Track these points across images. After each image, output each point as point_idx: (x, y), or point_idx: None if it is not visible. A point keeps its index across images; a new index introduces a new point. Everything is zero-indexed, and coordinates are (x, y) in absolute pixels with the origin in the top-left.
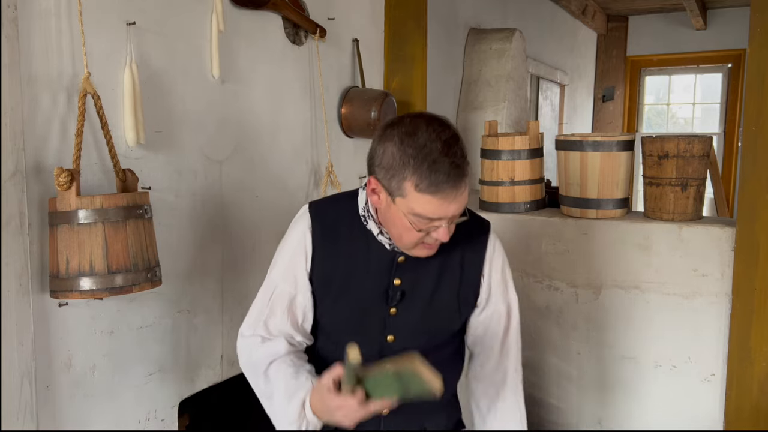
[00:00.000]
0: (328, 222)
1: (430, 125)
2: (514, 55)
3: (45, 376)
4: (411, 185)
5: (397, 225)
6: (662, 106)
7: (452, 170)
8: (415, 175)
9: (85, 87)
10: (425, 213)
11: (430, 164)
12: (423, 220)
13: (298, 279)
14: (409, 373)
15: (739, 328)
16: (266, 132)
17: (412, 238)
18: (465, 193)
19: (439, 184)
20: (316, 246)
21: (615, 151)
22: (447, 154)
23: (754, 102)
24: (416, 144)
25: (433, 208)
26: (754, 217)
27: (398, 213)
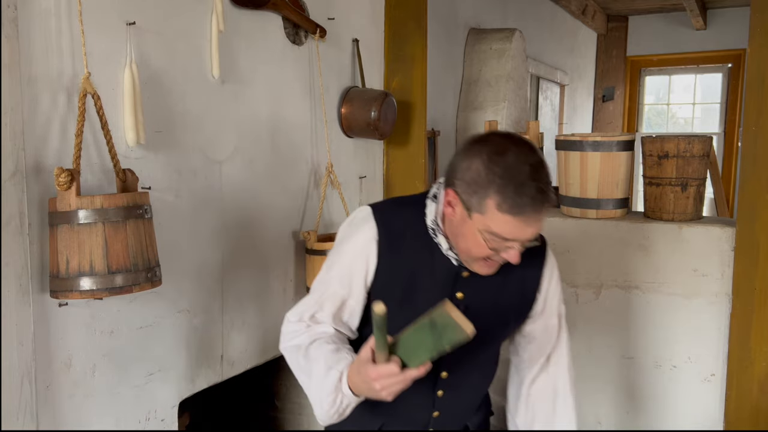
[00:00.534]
0: (394, 231)
1: (519, 148)
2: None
3: (45, 376)
4: (493, 204)
5: (468, 239)
6: (662, 106)
7: (538, 195)
8: (499, 194)
9: (85, 87)
10: (502, 233)
11: (516, 186)
12: (497, 240)
13: (353, 285)
14: (443, 320)
15: (739, 328)
16: (266, 132)
17: (481, 254)
18: (544, 219)
19: (522, 206)
20: (381, 256)
21: (615, 151)
22: (534, 178)
23: (754, 102)
24: (504, 164)
25: (511, 229)
26: (754, 217)
27: (472, 229)
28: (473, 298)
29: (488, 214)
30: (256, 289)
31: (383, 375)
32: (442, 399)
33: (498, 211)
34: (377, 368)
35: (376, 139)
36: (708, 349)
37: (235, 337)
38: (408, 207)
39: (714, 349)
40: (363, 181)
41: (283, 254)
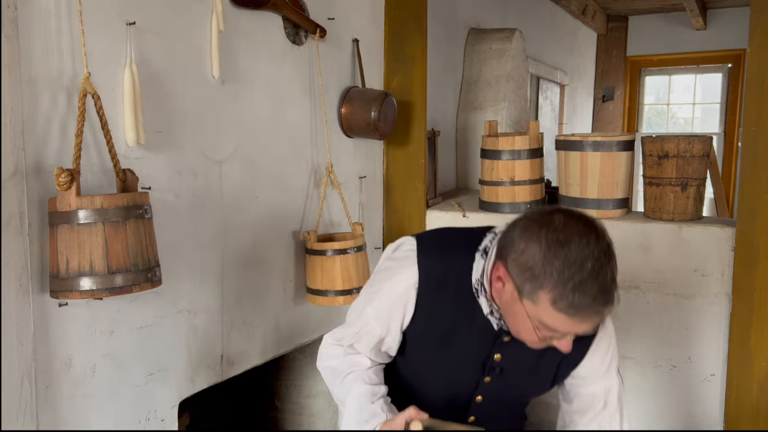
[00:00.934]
0: (436, 279)
1: (584, 237)
2: (514, 55)
3: (45, 376)
4: (548, 299)
5: (517, 321)
6: (662, 106)
7: (599, 296)
8: (555, 290)
9: (85, 87)
10: (554, 327)
11: (576, 285)
12: (548, 332)
13: (391, 326)
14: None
15: (739, 328)
16: (266, 132)
17: (529, 339)
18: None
19: (580, 308)
20: (419, 304)
21: (615, 151)
22: (597, 276)
23: (754, 102)
24: (564, 256)
25: (564, 325)
26: (754, 217)
27: (522, 313)
28: (511, 361)
29: (541, 306)
30: (256, 289)
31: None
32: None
33: (552, 307)
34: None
35: (376, 139)
36: (708, 349)
37: (235, 337)
38: (455, 254)
39: (714, 349)
40: (363, 181)
41: (283, 254)
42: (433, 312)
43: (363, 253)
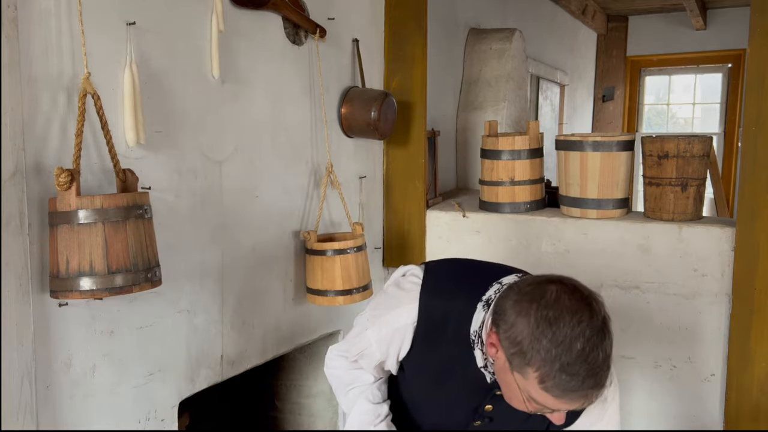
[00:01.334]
0: (435, 321)
1: (576, 315)
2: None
3: (45, 376)
4: (535, 377)
5: (509, 390)
6: (662, 106)
7: (588, 379)
8: (542, 369)
9: (85, 87)
10: (543, 403)
11: (563, 366)
12: (539, 405)
13: (389, 354)
14: None
15: (739, 328)
16: (266, 132)
17: (519, 407)
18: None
19: (567, 390)
20: (415, 343)
21: (615, 151)
22: (587, 358)
23: (754, 102)
24: (554, 336)
25: (554, 404)
26: (754, 217)
27: (513, 383)
28: (501, 413)
29: (530, 383)
30: (256, 289)
31: None
32: None
33: (540, 386)
34: None
35: (376, 139)
36: (708, 349)
37: (235, 337)
38: (458, 298)
39: (714, 349)
40: (363, 181)
41: (283, 254)
42: (428, 352)
43: (363, 253)
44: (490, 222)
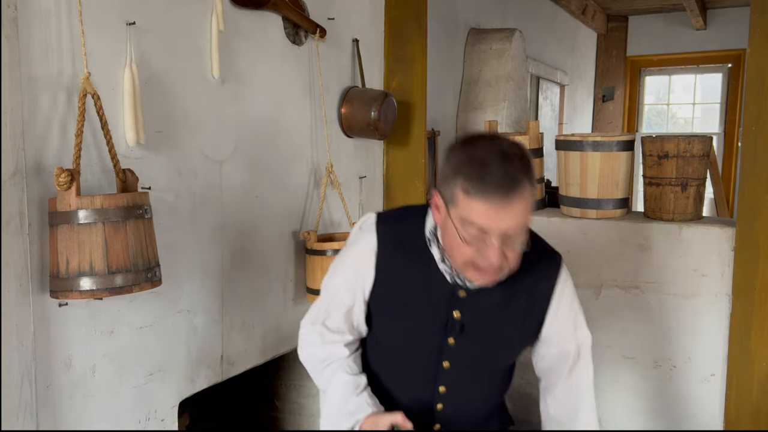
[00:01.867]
0: (394, 242)
1: (497, 141)
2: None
3: (45, 376)
4: (461, 190)
5: (450, 239)
6: (662, 106)
7: (505, 179)
8: (466, 180)
9: (85, 87)
10: (474, 220)
11: (480, 167)
12: (473, 230)
13: (356, 293)
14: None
15: (739, 328)
16: (266, 132)
17: (463, 255)
18: (520, 210)
19: (487, 190)
20: (379, 268)
21: (615, 151)
22: (503, 162)
23: (754, 102)
24: (473, 151)
25: (481, 215)
26: (754, 217)
27: (451, 226)
28: (470, 318)
29: (459, 204)
30: (256, 289)
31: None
32: (441, 413)
33: (465, 196)
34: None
35: (376, 139)
36: (708, 349)
37: (235, 337)
38: (411, 217)
39: (714, 349)
40: (363, 181)
41: (283, 254)
42: (391, 274)
43: None
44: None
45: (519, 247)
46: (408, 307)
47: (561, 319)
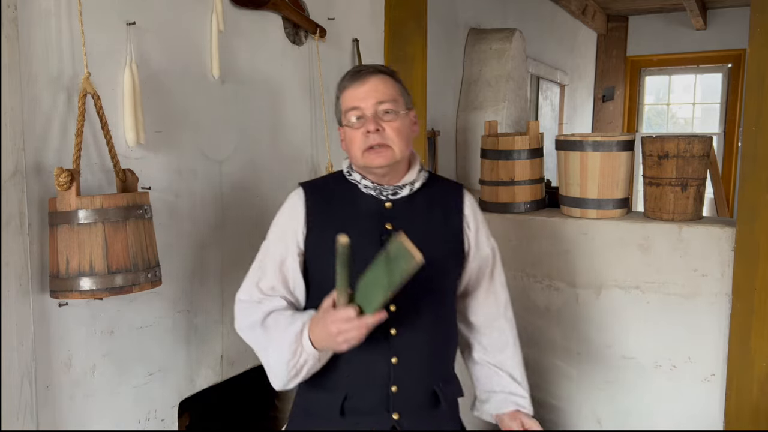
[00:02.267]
0: (318, 188)
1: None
2: (514, 55)
3: (45, 376)
4: (341, 95)
5: (348, 142)
6: (662, 106)
7: (359, 68)
8: (340, 87)
9: (85, 87)
10: (347, 106)
11: (352, 71)
12: (351, 115)
13: (289, 244)
14: (396, 250)
15: (739, 328)
16: (266, 132)
17: (358, 142)
18: (375, 85)
19: (350, 79)
20: (309, 209)
21: (615, 151)
22: (361, 66)
23: (754, 102)
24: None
25: (349, 99)
26: (754, 217)
27: (344, 130)
28: (402, 225)
29: (341, 106)
30: None
31: (340, 319)
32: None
33: (341, 96)
34: (335, 312)
35: None
36: (708, 349)
37: (235, 337)
38: (330, 174)
39: (714, 349)
40: None
41: None
42: (323, 215)
43: None
44: (490, 222)
45: (389, 118)
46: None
47: (476, 229)
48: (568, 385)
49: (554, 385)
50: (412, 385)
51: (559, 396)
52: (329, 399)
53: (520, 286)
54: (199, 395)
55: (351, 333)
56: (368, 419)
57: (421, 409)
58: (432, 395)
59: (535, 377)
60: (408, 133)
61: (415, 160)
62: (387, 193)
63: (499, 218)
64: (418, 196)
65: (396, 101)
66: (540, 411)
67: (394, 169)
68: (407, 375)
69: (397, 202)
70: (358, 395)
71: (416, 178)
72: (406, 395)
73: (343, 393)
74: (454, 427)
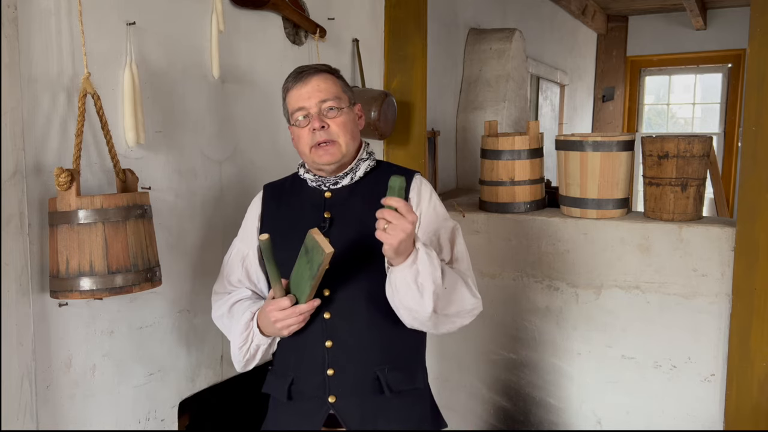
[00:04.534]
0: (275, 187)
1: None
2: (514, 55)
3: (45, 376)
4: (286, 95)
5: (295, 141)
6: (662, 106)
7: (307, 68)
8: (284, 89)
9: (85, 87)
10: (292, 106)
11: (294, 73)
12: (297, 115)
13: (249, 240)
14: (310, 243)
15: (739, 328)
16: (266, 132)
17: (305, 140)
18: (316, 84)
19: (292, 80)
20: (264, 205)
21: (615, 151)
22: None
23: (754, 102)
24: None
25: (294, 99)
26: (754, 217)
27: (291, 130)
28: (339, 213)
29: (287, 106)
30: None
31: (275, 309)
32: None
33: (286, 97)
34: (272, 303)
35: (376, 139)
36: (708, 349)
37: None
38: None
39: (714, 349)
40: None
41: None
42: (276, 209)
43: None
44: (490, 222)
45: (333, 115)
46: (291, 225)
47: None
48: (568, 385)
49: (554, 385)
50: (349, 368)
51: (559, 396)
52: (280, 383)
53: (520, 286)
54: (199, 395)
55: (287, 321)
56: (309, 403)
57: (363, 394)
58: (374, 381)
59: (535, 377)
60: (353, 127)
61: (361, 151)
62: (328, 184)
63: (499, 218)
64: (361, 185)
65: (339, 98)
66: (540, 411)
67: (342, 164)
68: (343, 358)
69: (338, 191)
70: (302, 379)
71: (356, 167)
72: (342, 379)
73: (290, 377)
74: (402, 419)
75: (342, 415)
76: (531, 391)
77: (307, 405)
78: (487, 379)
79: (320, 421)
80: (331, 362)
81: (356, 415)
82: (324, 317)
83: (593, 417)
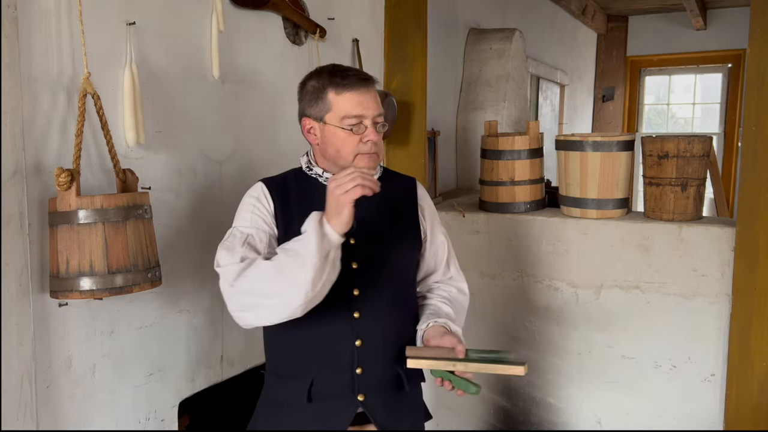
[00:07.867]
0: (278, 183)
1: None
2: (514, 55)
3: (45, 376)
4: (333, 93)
5: (336, 142)
6: (662, 106)
7: (359, 74)
8: (332, 84)
9: (85, 87)
10: (350, 111)
11: (340, 72)
12: (352, 120)
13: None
14: None
15: (739, 328)
16: (266, 132)
17: (352, 146)
18: (376, 97)
19: (351, 82)
20: (275, 202)
21: (615, 151)
22: (350, 68)
23: (754, 102)
24: (327, 68)
25: (355, 103)
26: (754, 217)
27: (332, 129)
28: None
29: (334, 105)
30: None
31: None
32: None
33: (338, 95)
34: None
35: None
36: (708, 349)
37: (235, 337)
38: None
39: (714, 349)
40: None
41: None
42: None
43: None
44: (490, 222)
45: (381, 130)
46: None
47: (430, 217)
48: (568, 385)
49: (554, 385)
50: (376, 367)
51: (559, 396)
52: (296, 386)
53: (520, 286)
54: (199, 395)
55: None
56: (335, 403)
57: (386, 392)
58: (396, 378)
59: (535, 377)
60: None
61: None
62: None
63: (499, 218)
64: None
65: (383, 115)
66: (540, 411)
67: None
68: (371, 357)
69: None
70: (324, 380)
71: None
72: (370, 377)
73: (309, 379)
74: (418, 411)
75: (371, 412)
76: (531, 391)
77: (332, 405)
78: (487, 379)
79: (348, 419)
80: (360, 361)
81: (382, 412)
82: (354, 316)
83: (593, 417)
